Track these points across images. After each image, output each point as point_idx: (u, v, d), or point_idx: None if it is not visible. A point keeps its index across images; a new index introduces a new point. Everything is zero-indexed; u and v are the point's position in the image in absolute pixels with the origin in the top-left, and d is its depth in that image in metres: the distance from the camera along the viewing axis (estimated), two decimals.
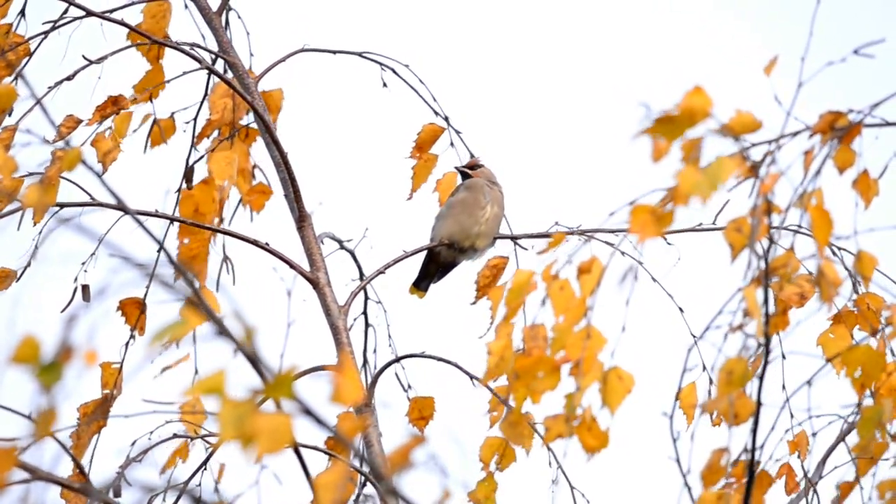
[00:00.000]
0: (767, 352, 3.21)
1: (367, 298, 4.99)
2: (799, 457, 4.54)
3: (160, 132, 4.94)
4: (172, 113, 4.97)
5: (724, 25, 7.04)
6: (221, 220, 4.92)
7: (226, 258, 4.92)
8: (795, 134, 3.29)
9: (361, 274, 4.98)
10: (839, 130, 3.31)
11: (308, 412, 2.21)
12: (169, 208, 4.93)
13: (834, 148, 3.32)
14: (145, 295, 4.84)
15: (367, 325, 4.98)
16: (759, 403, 3.20)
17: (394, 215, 5.11)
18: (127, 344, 4.86)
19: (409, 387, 4.95)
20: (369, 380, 4.93)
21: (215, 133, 5.02)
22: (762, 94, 3.36)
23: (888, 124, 3.36)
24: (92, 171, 3.22)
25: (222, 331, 2.26)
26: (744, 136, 3.23)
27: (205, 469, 4.64)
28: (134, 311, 4.86)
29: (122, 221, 4.76)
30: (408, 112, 5.06)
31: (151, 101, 4.92)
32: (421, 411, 4.97)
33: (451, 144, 5.08)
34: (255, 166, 5.01)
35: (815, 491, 4.54)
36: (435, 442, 2.58)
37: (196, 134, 5.02)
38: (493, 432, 4.82)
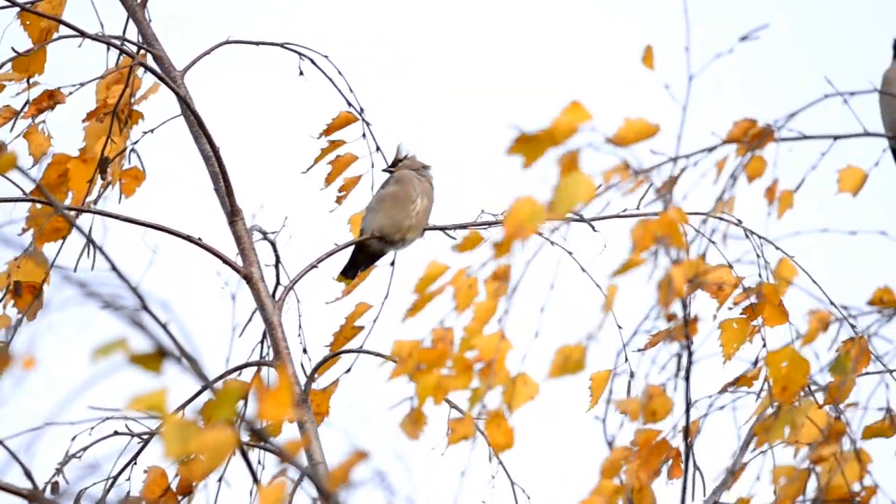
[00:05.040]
0: (690, 353, 3.32)
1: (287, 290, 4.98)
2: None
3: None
4: (58, 87, 4.94)
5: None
6: (85, 197, 4.89)
7: (90, 241, 4.84)
8: (712, 149, 3.36)
9: (278, 260, 4.96)
10: (750, 143, 3.38)
11: (252, 428, 2.30)
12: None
13: (746, 158, 3.38)
14: (43, 281, 4.83)
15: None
16: (688, 403, 3.31)
17: (315, 205, 5.16)
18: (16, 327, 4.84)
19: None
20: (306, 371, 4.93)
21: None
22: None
23: (805, 137, 3.44)
24: (24, 174, 3.23)
25: (164, 350, 2.34)
26: (638, 144, 3.22)
27: (135, 464, 4.66)
28: (27, 296, 4.82)
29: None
30: (328, 104, 5.14)
31: (28, 80, 4.90)
32: (318, 406, 4.94)
33: (363, 136, 5.15)
34: (131, 150, 4.99)
35: (701, 473, 4.58)
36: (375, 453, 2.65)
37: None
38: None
